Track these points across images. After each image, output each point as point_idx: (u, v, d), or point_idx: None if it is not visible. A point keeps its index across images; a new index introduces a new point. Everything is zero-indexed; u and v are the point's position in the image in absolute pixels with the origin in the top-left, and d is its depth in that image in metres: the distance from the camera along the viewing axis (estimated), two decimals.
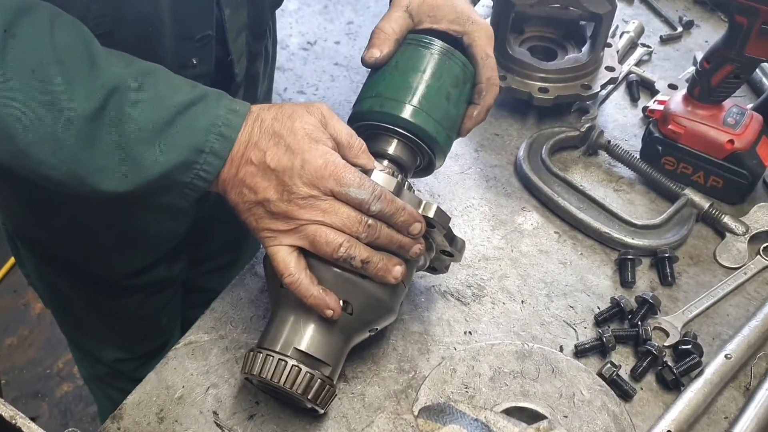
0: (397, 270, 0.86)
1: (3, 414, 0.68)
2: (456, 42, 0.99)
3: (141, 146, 0.79)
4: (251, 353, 0.87)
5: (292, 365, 0.83)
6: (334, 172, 0.81)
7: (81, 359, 1.56)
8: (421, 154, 0.97)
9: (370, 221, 0.83)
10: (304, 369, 0.83)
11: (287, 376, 0.83)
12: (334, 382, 0.88)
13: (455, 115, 0.98)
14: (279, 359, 0.84)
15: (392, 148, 0.95)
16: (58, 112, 0.75)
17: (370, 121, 0.95)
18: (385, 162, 0.94)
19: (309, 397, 0.83)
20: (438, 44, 0.96)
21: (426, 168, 1.02)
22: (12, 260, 2.69)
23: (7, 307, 2.71)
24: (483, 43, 0.99)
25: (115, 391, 1.49)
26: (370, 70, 0.98)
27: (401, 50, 0.97)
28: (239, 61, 1.08)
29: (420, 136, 0.94)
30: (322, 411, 0.89)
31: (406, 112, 0.93)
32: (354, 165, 0.85)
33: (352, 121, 0.97)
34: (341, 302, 0.86)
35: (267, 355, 0.85)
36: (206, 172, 0.82)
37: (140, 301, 1.32)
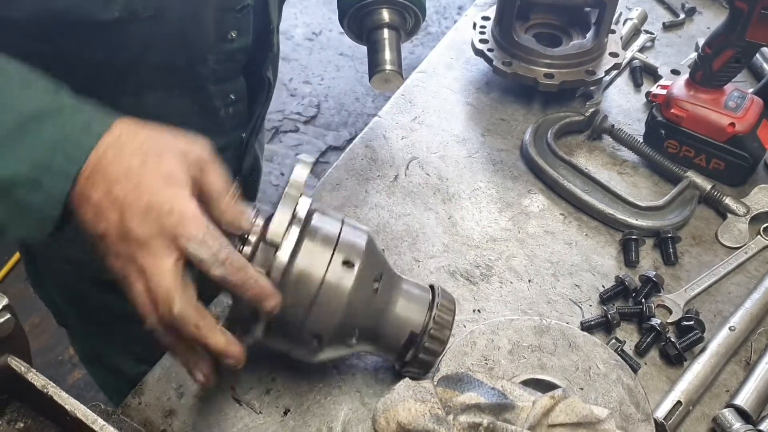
0: (201, 373, 0.78)
1: (35, 383, 0.71)
2: None
3: None
4: None
5: None
6: (178, 221, 0.71)
7: (101, 374, 1.50)
8: (408, 14, 1.18)
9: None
10: None
11: None
12: None
13: None
14: None
15: (387, 15, 1.16)
16: None
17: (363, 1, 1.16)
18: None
19: None
20: None
21: (413, 27, 1.22)
22: None
23: (17, 296, 2.75)
24: None
25: None
26: None
27: None
28: (275, 32, 1.11)
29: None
30: None
31: None
32: (222, 224, 0.76)
33: (344, 11, 1.18)
34: None
35: None
36: (54, 197, 0.72)
37: None
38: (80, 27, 0.86)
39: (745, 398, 0.94)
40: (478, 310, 1.06)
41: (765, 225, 1.17)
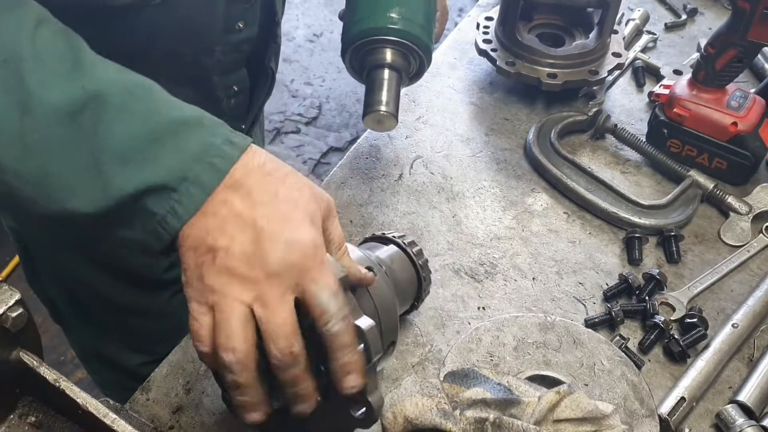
0: (260, 414, 0.72)
1: (48, 377, 0.72)
2: None
3: (116, 164, 0.69)
4: None
5: None
6: (318, 266, 0.69)
7: (99, 369, 1.49)
8: (413, 57, 1.12)
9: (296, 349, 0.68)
10: None
11: None
12: None
13: (433, 16, 1.14)
14: None
15: (389, 55, 1.10)
16: (27, 111, 0.67)
17: (368, 36, 1.09)
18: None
19: None
20: None
21: (417, 72, 1.16)
22: None
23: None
24: None
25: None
26: None
27: None
28: (282, 22, 1.14)
29: (415, 43, 1.09)
30: None
31: (404, 23, 1.08)
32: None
33: (348, 43, 1.11)
34: None
35: None
36: (183, 207, 0.70)
37: (168, 299, 1.28)
38: (92, 13, 0.86)
39: (748, 394, 0.95)
40: (483, 308, 1.07)
41: (767, 223, 1.18)
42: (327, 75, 3.67)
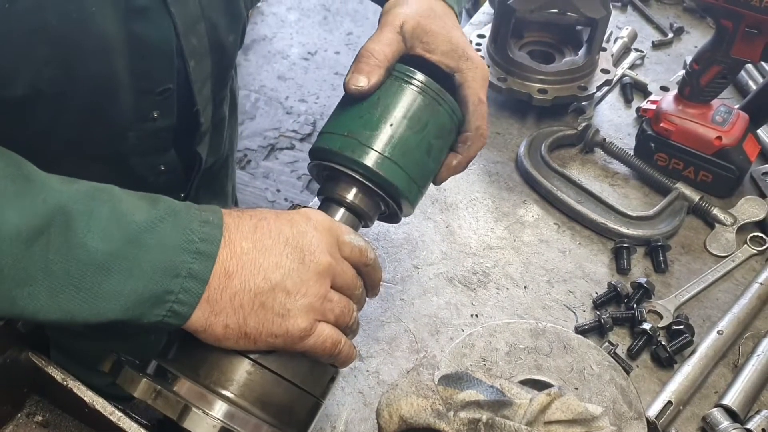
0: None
1: (56, 376, 0.74)
2: (446, 77, 0.89)
3: (97, 274, 0.64)
4: None
5: None
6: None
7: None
8: (386, 205, 0.87)
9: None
10: None
11: None
12: None
13: (433, 169, 0.89)
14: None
15: (352, 195, 0.84)
16: None
17: (335, 163, 0.84)
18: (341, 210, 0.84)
19: None
20: (430, 87, 0.85)
21: (390, 216, 0.92)
22: None
23: None
24: (477, 85, 0.89)
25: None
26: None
27: (387, 84, 0.85)
28: (205, 110, 0.97)
29: (389, 192, 0.84)
30: None
31: (380, 165, 0.82)
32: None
33: (314, 156, 0.87)
34: None
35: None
36: (182, 304, 0.68)
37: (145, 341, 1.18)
38: None
39: (733, 398, 0.98)
40: (476, 315, 1.10)
41: (751, 234, 1.22)
42: (321, 92, 3.71)
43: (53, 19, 0.72)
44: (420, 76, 0.85)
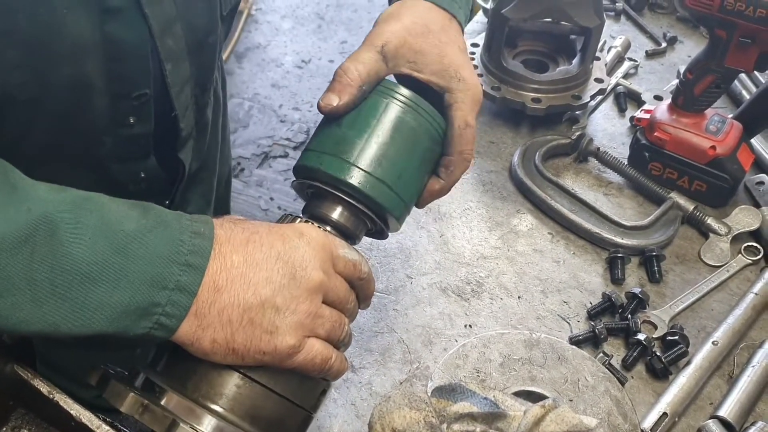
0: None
1: (42, 389, 0.73)
2: (436, 96, 0.87)
3: (83, 284, 0.63)
4: None
5: None
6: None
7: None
8: (373, 223, 0.85)
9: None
10: None
11: None
12: None
13: (419, 189, 0.88)
14: None
15: (337, 214, 0.82)
16: None
17: (318, 181, 0.82)
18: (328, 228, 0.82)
19: None
20: (416, 102, 0.83)
21: (377, 233, 0.90)
22: None
23: None
24: (466, 108, 0.87)
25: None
26: None
27: (371, 100, 0.83)
28: (185, 115, 0.94)
29: (375, 210, 0.83)
30: None
31: (365, 183, 0.80)
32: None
33: (298, 173, 0.85)
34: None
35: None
36: (170, 317, 0.67)
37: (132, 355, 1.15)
38: None
39: (728, 410, 0.97)
40: (470, 325, 1.09)
41: (746, 244, 1.21)
42: (315, 101, 3.66)
43: (22, 22, 0.70)
44: (405, 92, 0.84)
